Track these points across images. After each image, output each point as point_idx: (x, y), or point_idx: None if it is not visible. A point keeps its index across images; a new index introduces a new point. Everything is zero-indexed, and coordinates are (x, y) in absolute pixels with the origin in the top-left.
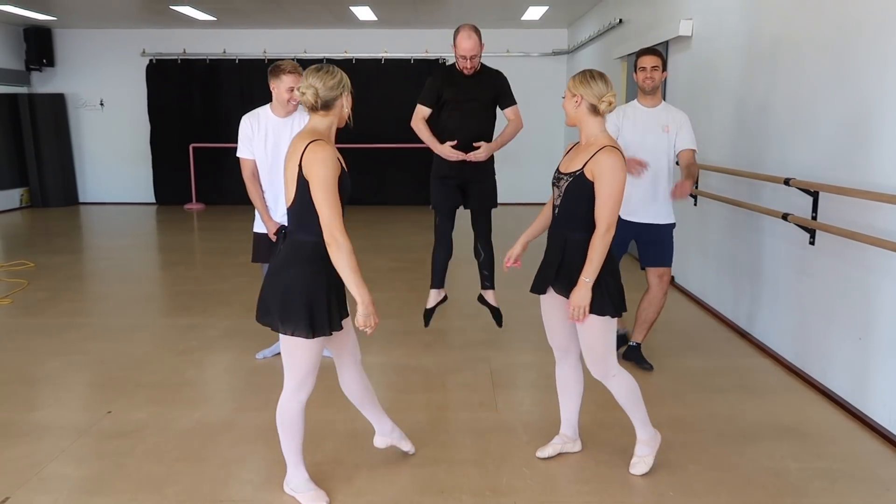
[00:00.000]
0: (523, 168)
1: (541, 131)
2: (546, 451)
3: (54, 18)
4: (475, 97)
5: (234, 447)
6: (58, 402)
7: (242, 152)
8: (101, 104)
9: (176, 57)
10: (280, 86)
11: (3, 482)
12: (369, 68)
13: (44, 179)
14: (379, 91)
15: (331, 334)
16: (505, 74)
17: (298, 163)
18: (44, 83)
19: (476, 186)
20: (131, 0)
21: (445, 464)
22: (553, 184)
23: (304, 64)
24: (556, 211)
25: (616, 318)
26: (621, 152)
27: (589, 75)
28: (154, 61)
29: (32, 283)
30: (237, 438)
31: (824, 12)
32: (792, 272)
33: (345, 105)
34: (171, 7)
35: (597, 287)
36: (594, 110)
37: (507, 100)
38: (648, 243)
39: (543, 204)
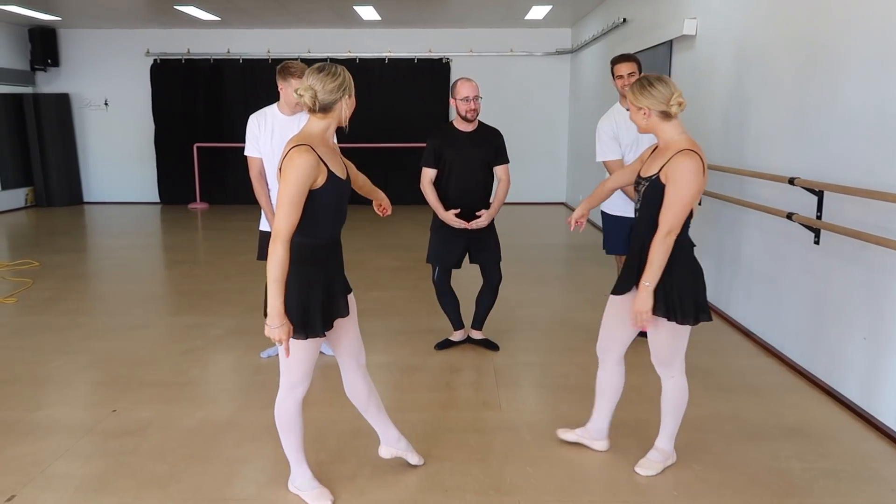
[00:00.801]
0: (527, 167)
1: (544, 131)
2: (567, 435)
3: (59, 18)
4: (474, 155)
5: (239, 446)
6: (63, 401)
7: (249, 151)
8: (106, 104)
9: (180, 57)
10: (287, 88)
11: (8, 480)
12: (373, 68)
13: (48, 179)
14: (382, 91)
15: (324, 335)
16: (502, 133)
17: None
18: (48, 83)
19: (481, 242)
20: (136, 0)
21: (449, 462)
22: (635, 188)
23: (309, 64)
24: (637, 214)
25: (689, 326)
26: (699, 155)
27: (647, 83)
28: (158, 61)
29: (37, 283)
30: (241, 437)
31: (829, 11)
32: (796, 272)
33: (345, 108)
34: (176, 7)
35: (668, 291)
36: (665, 115)
37: (502, 158)
38: None
39: (547, 203)
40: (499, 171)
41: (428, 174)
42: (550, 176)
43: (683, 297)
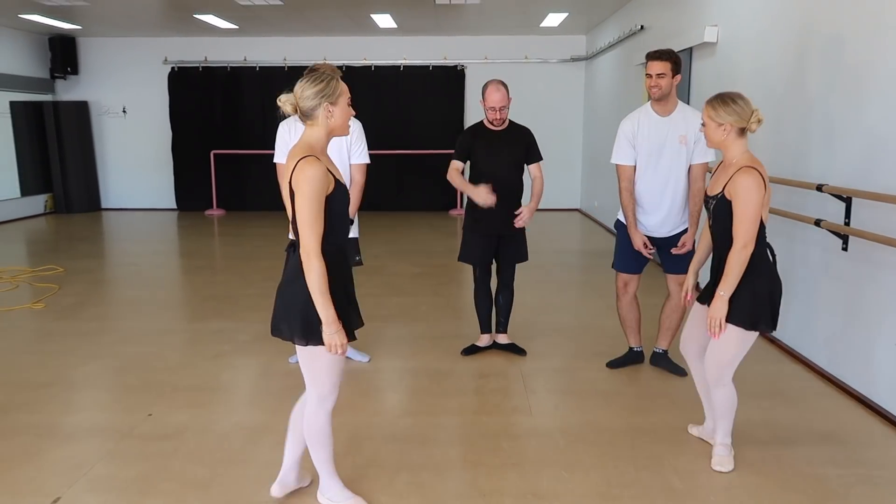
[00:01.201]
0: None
1: (558, 138)
2: (694, 430)
3: (79, 27)
4: (504, 154)
5: (274, 449)
6: (98, 405)
7: (279, 158)
8: (124, 111)
9: (197, 65)
10: None
11: (53, 482)
12: (388, 75)
13: (67, 186)
14: (398, 98)
15: (354, 338)
16: (532, 131)
17: (290, 179)
18: (68, 91)
19: (509, 239)
20: (155, 9)
21: (485, 467)
22: (705, 205)
23: None
24: (711, 231)
25: (755, 333)
26: (759, 171)
27: (730, 100)
28: (176, 69)
29: (63, 288)
30: (277, 441)
31: (855, 17)
32: (825, 278)
33: (329, 115)
34: (194, 15)
35: (739, 296)
36: (741, 132)
37: (534, 156)
38: (670, 252)
39: (563, 210)
40: (532, 169)
41: (455, 165)
42: (565, 182)
43: (765, 306)
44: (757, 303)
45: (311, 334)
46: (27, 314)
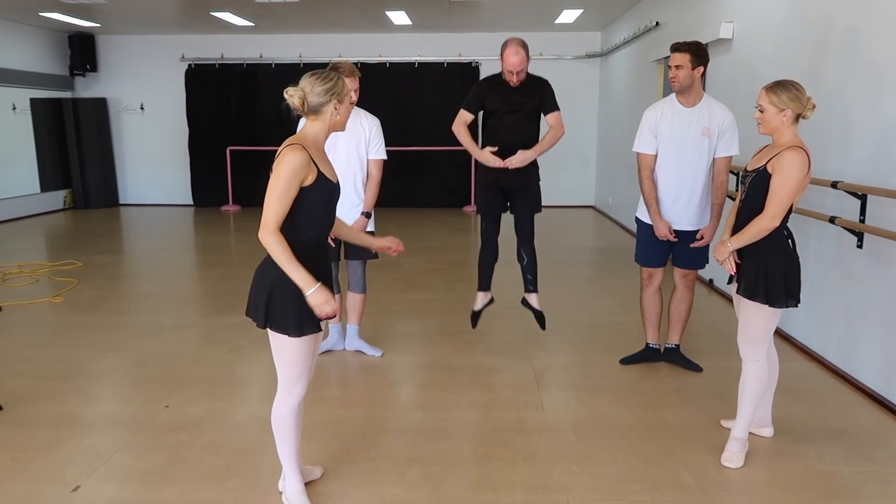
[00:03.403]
0: (557, 171)
1: (573, 134)
2: (730, 423)
3: (98, 25)
4: (519, 107)
5: None
6: (117, 397)
7: None
8: (142, 108)
9: (214, 62)
10: None
11: (73, 471)
12: (403, 72)
13: (86, 181)
14: (412, 95)
15: (321, 329)
16: (550, 82)
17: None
18: (87, 88)
19: (520, 192)
20: (172, 6)
21: (496, 461)
22: (741, 181)
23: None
24: (741, 205)
25: (779, 310)
26: (807, 152)
27: (791, 86)
28: (192, 66)
29: (82, 282)
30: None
31: (872, 11)
32: (838, 276)
33: (336, 112)
34: (212, 13)
35: (758, 273)
36: (797, 118)
37: (550, 105)
38: (684, 247)
39: (577, 206)
40: (549, 118)
41: (463, 116)
42: (580, 179)
43: (779, 282)
44: (771, 281)
45: (273, 320)
46: (47, 308)
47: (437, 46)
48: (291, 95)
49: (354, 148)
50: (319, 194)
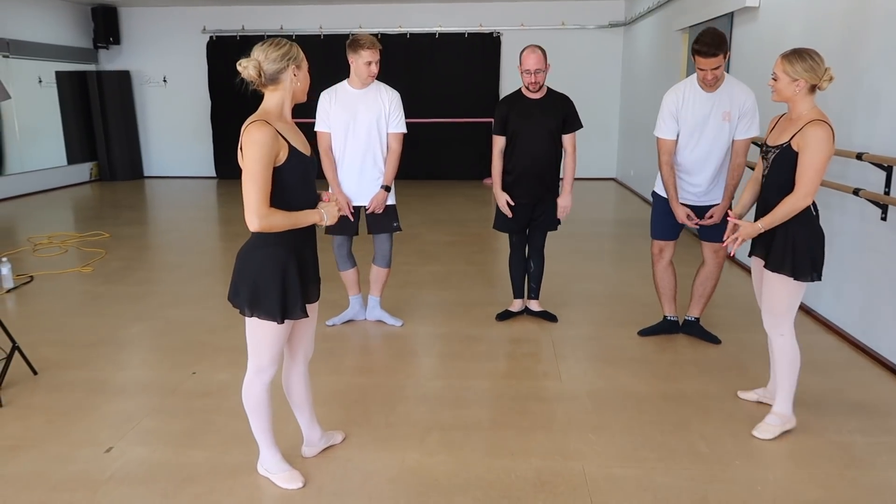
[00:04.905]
0: (578, 142)
1: (595, 105)
2: (748, 395)
3: None
4: (541, 123)
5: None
6: (146, 363)
7: (320, 126)
8: (164, 81)
9: (235, 34)
10: (358, 60)
11: (105, 433)
12: (423, 43)
13: (111, 154)
14: (433, 66)
15: (300, 317)
16: (571, 99)
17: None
18: (111, 61)
19: (543, 206)
20: None
21: (514, 429)
22: (762, 156)
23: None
24: (764, 181)
25: (803, 284)
26: (829, 125)
27: (807, 55)
28: (214, 38)
29: (109, 253)
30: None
31: None
32: (861, 248)
33: (296, 79)
34: None
35: (785, 247)
36: (812, 89)
37: (571, 125)
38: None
39: (598, 179)
40: (566, 140)
41: (498, 143)
42: (601, 151)
43: (805, 256)
44: (798, 255)
45: (256, 306)
46: (77, 277)
47: (457, 17)
48: (245, 67)
49: (374, 122)
50: (295, 171)
